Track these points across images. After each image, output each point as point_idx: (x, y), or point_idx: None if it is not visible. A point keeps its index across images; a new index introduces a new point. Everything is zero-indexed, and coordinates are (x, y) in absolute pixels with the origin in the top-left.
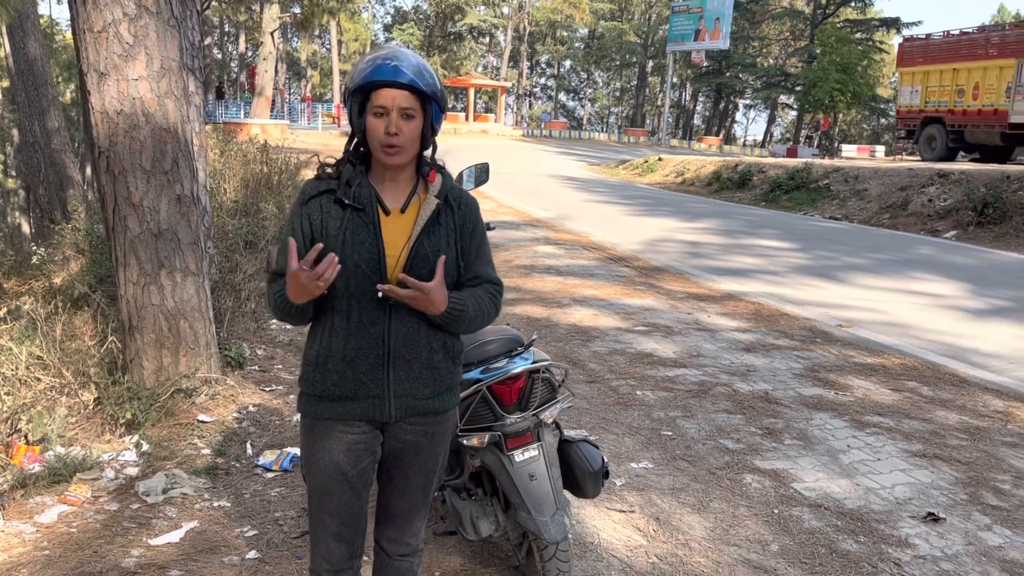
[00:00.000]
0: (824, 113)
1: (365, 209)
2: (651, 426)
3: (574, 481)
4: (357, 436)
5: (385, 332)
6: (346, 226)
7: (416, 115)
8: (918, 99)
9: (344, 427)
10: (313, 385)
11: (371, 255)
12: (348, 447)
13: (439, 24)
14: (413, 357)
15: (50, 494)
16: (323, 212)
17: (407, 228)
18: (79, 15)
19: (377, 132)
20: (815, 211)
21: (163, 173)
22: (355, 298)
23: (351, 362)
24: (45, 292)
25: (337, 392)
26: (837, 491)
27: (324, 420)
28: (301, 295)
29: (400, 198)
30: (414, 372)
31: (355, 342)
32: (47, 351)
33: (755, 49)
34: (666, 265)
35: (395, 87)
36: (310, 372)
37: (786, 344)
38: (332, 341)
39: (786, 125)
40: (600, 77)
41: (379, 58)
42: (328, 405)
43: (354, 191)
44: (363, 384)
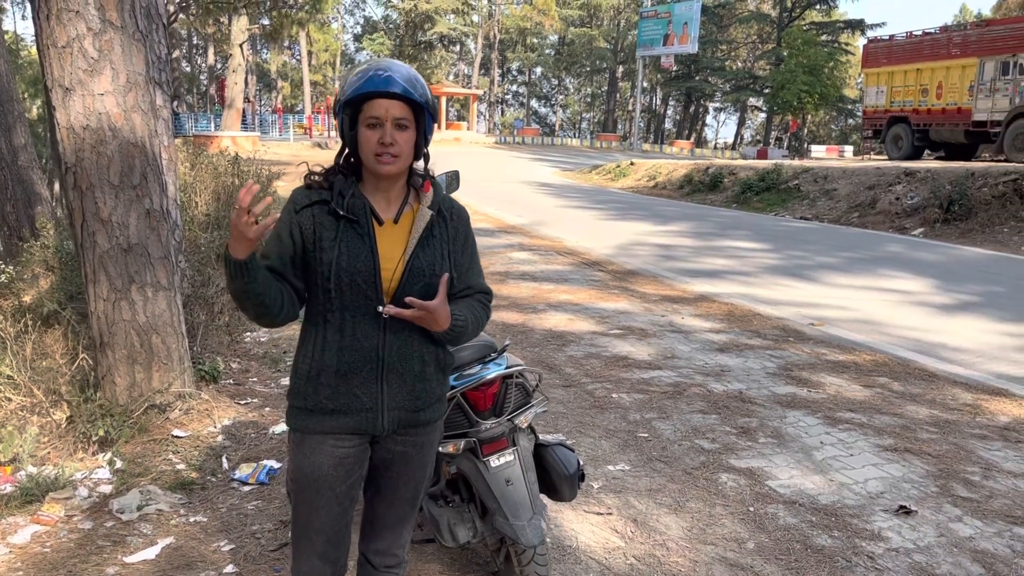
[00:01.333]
0: (793, 115)
1: (359, 220)
2: (627, 428)
3: (550, 485)
4: (347, 450)
5: (380, 345)
6: (341, 238)
7: (410, 125)
8: (884, 99)
9: (335, 441)
10: (304, 399)
11: (366, 267)
12: (338, 461)
13: (409, 33)
14: (406, 370)
15: (22, 514)
16: (315, 222)
17: (401, 240)
18: (43, 30)
19: (371, 143)
20: (786, 212)
21: (132, 188)
22: (349, 311)
23: (344, 376)
24: (15, 311)
25: (330, 406)
26: (811, 487)
27: (315, 434)
28: (238, 243)
29: (392, 208)
30: (407, 385)
31: (349, 356)
32: (17, 370)
33: (723, 53)
34: (639, 268)
35: (388, 97)
36: (301, 385)
37: (759, 344)
38: (325, 355)
39: (756, 127)
40: (571, 83)
41: (370, 69)
42: (320, 419)
43: (347, 202)
44: (357, 398)
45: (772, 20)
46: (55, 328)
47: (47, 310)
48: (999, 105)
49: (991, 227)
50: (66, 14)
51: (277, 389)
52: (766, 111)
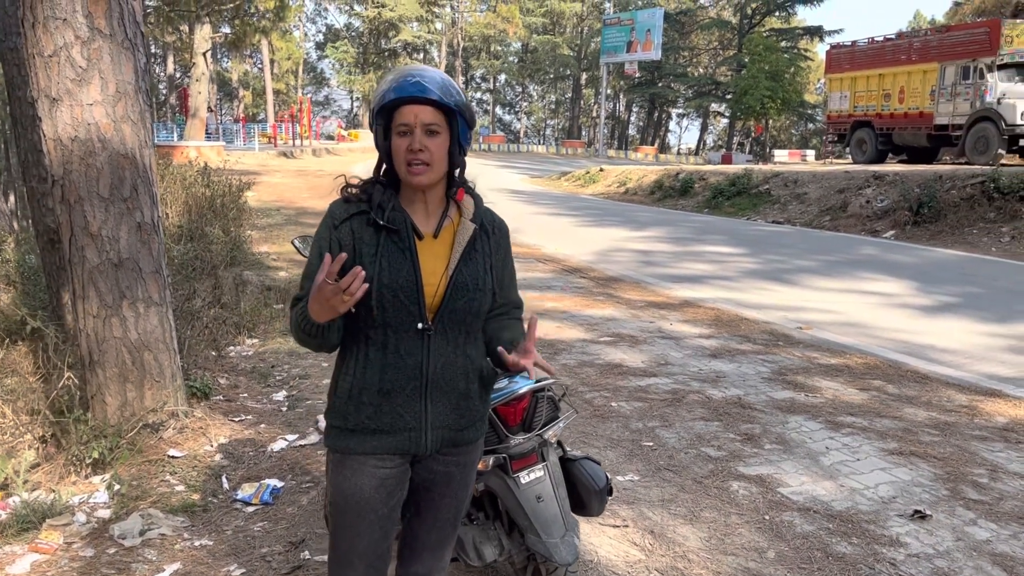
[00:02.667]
0: (756, 119)
1: (400, 233)
2: (631, 437)
3: (578, 500)
4: (389, 470)
5: (423, 363)
6: (382, 252)
7: (441, 131)
8: (847, 104)
9: (377, 461)
10: (345, 419)
11: (408, 283)
12: (380, 483)
13: (373, 41)
14: (451, 388)
15: (19, 543)
16: (355, 237)
17: (443, 254)
18: (28, 39)
19: (401, 151)
20: (757, 216)
21: (122, 200)
22: (392, 328)
23: (387, 394)
24: None
25: (372, 425)
26: (823, 493)
27: (356, 455)
28: (324, 312)
29: (431, 222)
30: (452, 403)
31: (392, 374)
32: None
33: (686, 59)
34: (621, 275)
35: (417, 103)
36: (341, 405)
37: (750, 348)
38: (367, 373)
39: (718, 133)
40: (535, 90)
41: (400, 76)
42: (362, 439)
43: (387, 214)
44: (400, 417)
45: (733, 27)
46: (20, 345)
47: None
48: (960, 109)
49: (960, 229)
50: (53, 22)
51: (270, 405)
52: (728, 116)
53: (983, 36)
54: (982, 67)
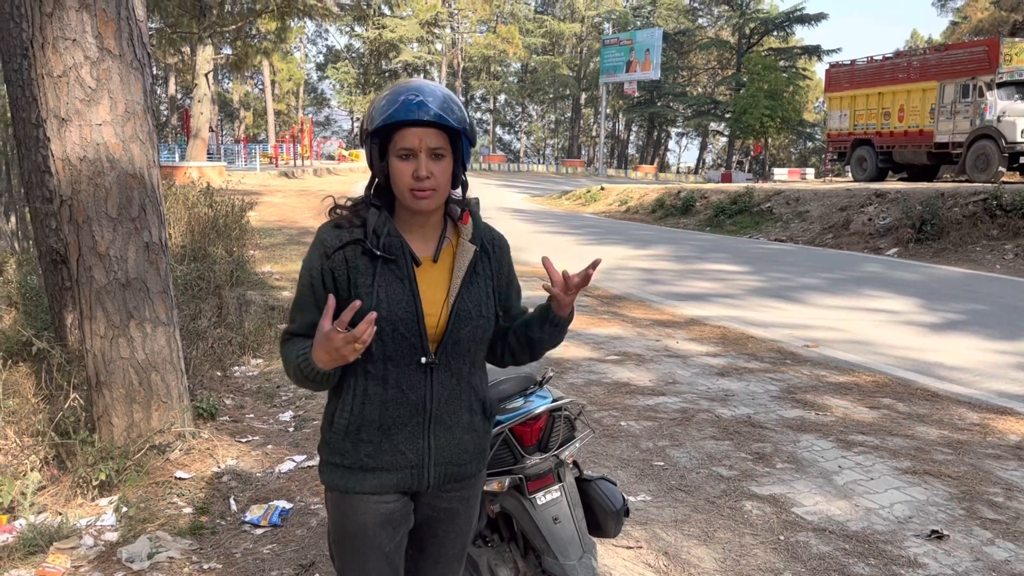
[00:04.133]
0: (755, 138)
1: (397, 261)
2: (641, 457)
3: (594, 521)
4: (393, 505)
5: (426, 397)
6: (379, 282)
7: (446, 154)
8: (847, 122)
9: (378, 498)
10: (342, 456)
11: (408, 315)
12: (384, 519)
13: (374, 62)
14: (455, 422)
15: (26, 566)
16: (349, 266)
17: (443, 280)
18: (37, 59)
19: (404, 176)
20: (760, 234)
21: (130, 220)
22: (392, 362)
23: (388, 431)
24: None
25: (372, 464)
26: (838, 513)
27: (356, 493)
28: (331, 360)
29: (430, 245)
30: (455, 437)
31: (393, 409)
32: None
33: (685, 79)
34: (626, 293)
35: (421, 125)
36: (338, 442)
37: (758, 367)
38: (366, 409)
39: (718, 151)
40: (535, 110)
41: (400, 93)
42: (361, 477)
43: (383, 240)
44: (401, 454)
45: (731, 46)
46: (20, 366)
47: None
48: (960, 127)
49: (963, 246)
50: (62, 42)
51: (276, 425)
52: (728, 135)
53: (982, 54)
54: (981, 85)
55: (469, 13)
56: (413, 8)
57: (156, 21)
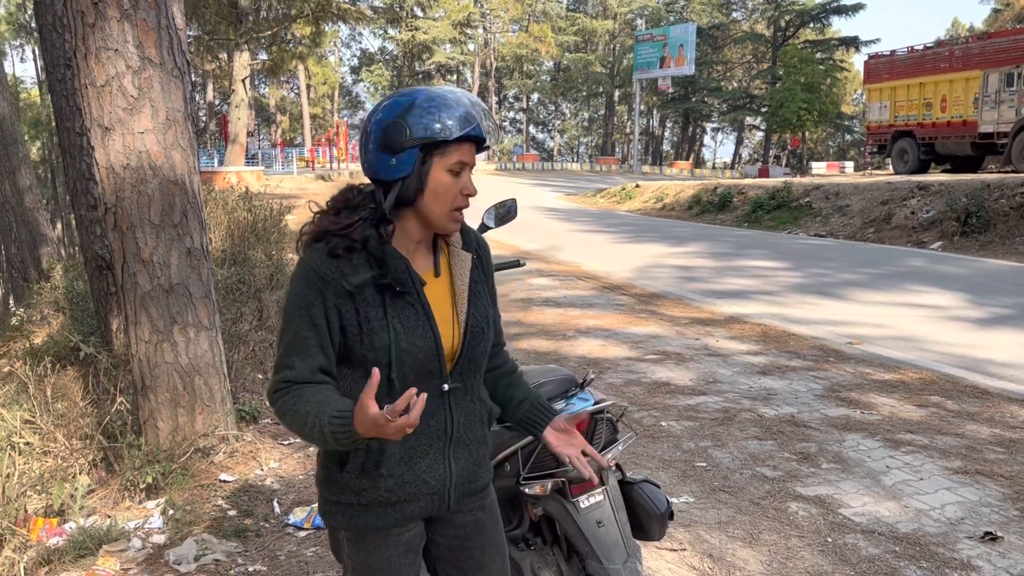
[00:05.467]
0: (792, 132)
1: (406, 288)
2: (683, 458)
3: (638, 524)
4: (412, 532)
5: (447, 421)
6: (391, 314)
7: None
8: (887, 114)
9: (399, 529)
10: (359, 495)
11: (427, 344)
12: (406, 548)
13: (407, 64)
14: (472, 439)
15: (76, 569)
16: (355, 299)
17: (446, 295)
18: (80, 70)
19: (451, 193)
20: (799, 229)
21: (172, 227)
22: None
23: (409, 462)
24: (26, 353)
25: (393, 498)
26: (887, 515)
27: (377, 530)
28: (376, 436)
29: (427, 259)
30: (473, 454)
31: (415, 440)
32: (38, 414)
33: (719, 73)
34: (663, 291)
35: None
36: (352, 480)
37: (800, 365)
38: (384, 444)
39: (754, 146)
40: (568, 108)
41: (470, 107)
42: (381, 513)
43: (389, 263)
44: (424, 483)
45: (767, 40)
46: (69, 370)
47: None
48: (1005, 116)
49: (1011, 239)
50: (105, 52)
51: None
52: (764, 130)
53: None
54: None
55: (501, 13)
56: (446, 9)
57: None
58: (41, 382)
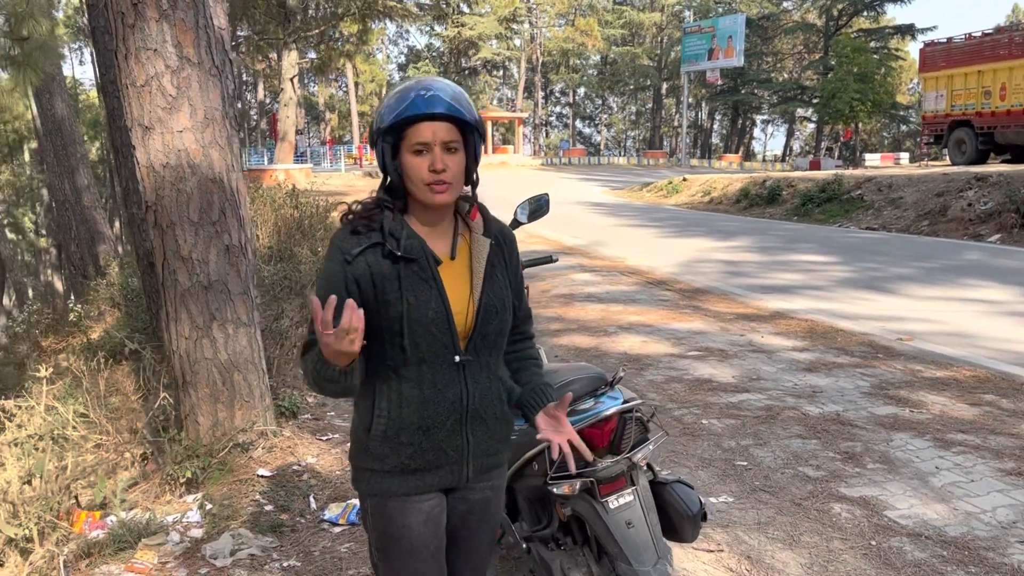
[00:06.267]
0: (845, 123)
1: (419, 262)
2: (723, 457)
3: (670, 525)
4: (433, 502)
5: (462, 393)
6: (405, 285)
7: (459, 148)
8: (943, 103)
9: (419, 497)
10: (383, 461)
11: (438, 315)
12: (427, 516)
13: (453, 60)
14: (489, 415)
15: (116, 562)
16: (372, 271)
17: (464, 276)
18: (121, 70)
19: (420, 171)
20: (850, 222)
21: (211, 224)
22: (427, 363)
23: (427, 431)
24: (83, 348)
25: (413, 465)
26: (935, 517)
27: (398, 496)
28: (340, 357)
29: (445, 243)
30: (490, 429)
31: (431, 409)
32: (92, 408)
33: (769, 64)
34: (708, 286)
35: (434, 119)
36: (376, 447)
37: (847, 361)
38: (403, 412)
39: (805, 138)
40: (615, 102)
41: (411, 89)
42: (403, 480)
43: (403, 243)
44: (443, 453)
45: (818, 29)
46: (123, 364)
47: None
48: None
49: None
50: (144, 53)
51: None
52: (815, 121)
53: None
54: None
55: (547, 7)
56: (492, 5)
57: (245, 29)
58: (94, 377)
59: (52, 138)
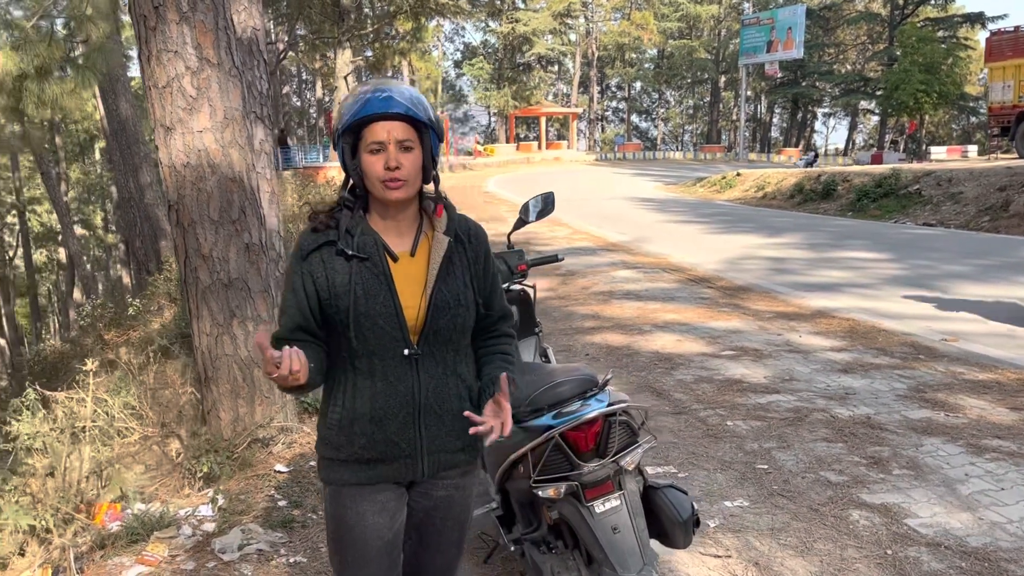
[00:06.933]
0: (909, 116)
1: (371, 258)
2: (744, 459)
3: (662, 531)
4: (388, 495)
5: (414, 388)
6: (355, 281)
7: (415, 146)
8: (1011, 94)
9: (373, 489)
10: (338, 450)
11: (386, 308)
12: (381, 507)
13: (508, 56)
14: (444, 410)
15: (128, 554)
16: (326, 267)
17: (420, 273)
18: (145, 72)
19: (376, 169)
20: (906, 218)
21: (231, 223)
22: (377, 356)
23: (379, 422)
24: (140, 342)
25: (366, 455)
26: (958, 527)
27: (351, 486)
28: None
29: (406, 240)
30: (446, 425)
31: (383, 401)
32: (140, 401)
33: (831, 56)
34: (750, 284)
35: (389, 119)
36: (333, 436)
37: (886, 363)
38: (356, 402)
39: (869, 131)
40: (672, 96)
41: (367, 91)
42: (356, 470)
43: (356, 240)
44: (394, 445)
45: (883, 19)
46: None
47: (158, 344)
48: None
49: None
50: (165, 55)
51: None
52: (879, 114)
53: None
54: None
55: (603, 1)
56: (546, 0)
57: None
58: (144, 370)
59: (118, 137)
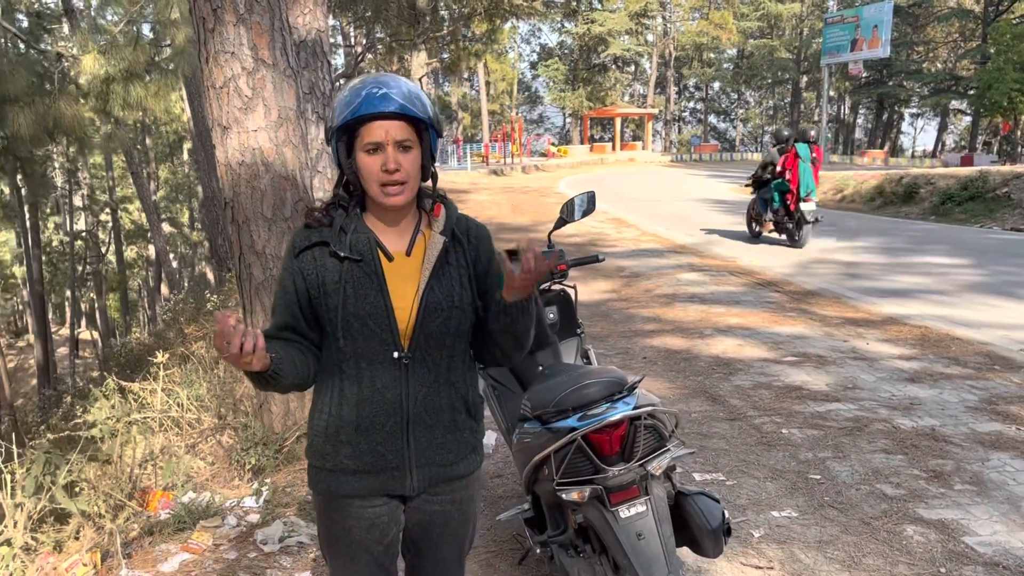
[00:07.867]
0: (1003, 116)
1: (364, 259)
2: (797, 469)
3: (692, 539)
4: (377, 509)
5: (402, 396)
6: (345, 279)
7: (413, 145)
8: None
9: (361, 502)
10: (324, 458)
11: (377, 309)
12: (370, 523)
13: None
14: (435, 421)
15: (174, 542)
16: (317, 265)
17: (414, 273)
18: (203, 73)
19: (373, 170)
20: (993, 222)
21: (283, 220)
22: (365, 360)
23: (366, 432)
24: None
25: (352, 466)
26: (1018, 546)
27: (339, 497)
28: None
29: (403, 239)
30: (437, 438)
31: (369, 409)
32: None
33: (920, 54)
34: (820, 288)
35: (387, 118)
36: (319, 444)
37: (958, 372)
38: (343, 409)
39: (960, 132)
40: (751, 96)
41: (363, 87)
42: (343, 480)
43: (350, 239)
44: (381, 456)
45: (976, 16)
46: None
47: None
48: None
49: None
50: (223, 55)
51: None
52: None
53: None
54: None
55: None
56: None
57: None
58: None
59: (203, 139)
